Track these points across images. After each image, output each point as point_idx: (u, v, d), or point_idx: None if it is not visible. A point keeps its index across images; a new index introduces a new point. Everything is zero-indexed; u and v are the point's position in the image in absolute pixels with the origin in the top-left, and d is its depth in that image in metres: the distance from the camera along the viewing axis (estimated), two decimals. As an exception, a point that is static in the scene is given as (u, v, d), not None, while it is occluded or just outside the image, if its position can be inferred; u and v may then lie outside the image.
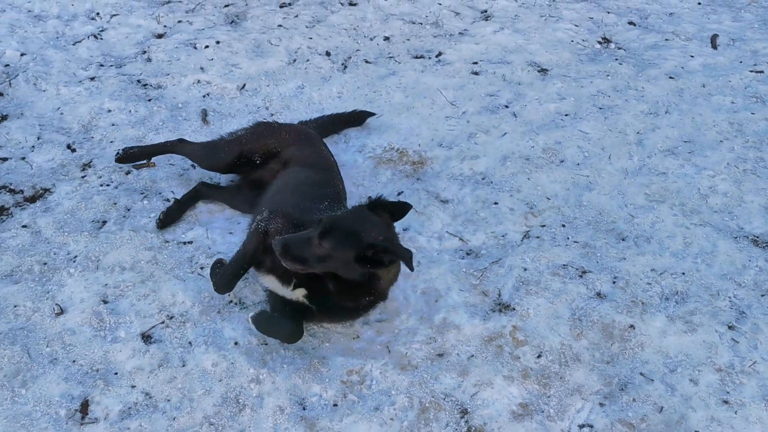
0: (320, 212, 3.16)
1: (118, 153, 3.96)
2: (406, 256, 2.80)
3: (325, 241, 2.82)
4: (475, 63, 5.11)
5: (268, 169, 3.71)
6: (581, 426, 2.88)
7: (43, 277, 3.37)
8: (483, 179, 4.09)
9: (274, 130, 3.82)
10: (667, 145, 4.37)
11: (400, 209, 3.06)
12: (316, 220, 2.93)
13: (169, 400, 2.90)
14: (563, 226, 3.78)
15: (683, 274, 3.50)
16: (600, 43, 5.46)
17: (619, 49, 5.40)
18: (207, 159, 3.83)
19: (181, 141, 3.98)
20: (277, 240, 2.88)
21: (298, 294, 3.07)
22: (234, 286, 3.19)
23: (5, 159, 4.06)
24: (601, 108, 4.66)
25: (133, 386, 2.94)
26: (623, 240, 3.70)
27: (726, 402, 2.97)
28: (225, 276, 3.17)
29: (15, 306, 3.21)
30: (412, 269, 2.83)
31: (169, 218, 3.67)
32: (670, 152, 4.31)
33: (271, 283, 3.14)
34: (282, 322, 3.07)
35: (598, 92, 4.81)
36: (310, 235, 2.85)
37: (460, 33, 5.50)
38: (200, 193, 3.82)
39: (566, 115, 4.61)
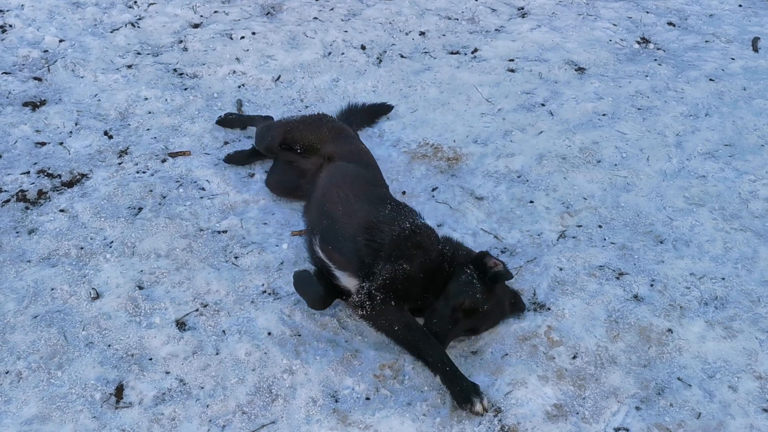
0: (386, 219, 3.23)
1: (220, 117, 4.30)
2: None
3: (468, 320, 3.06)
4: (512, 60, 5.06)
5: (310, 161, 3.76)
6: (617, 429, 2.84)
7: (80, 261, 3.40)
8: (518, 177, 4.05)
9: (318, 125, 3.85)
10: (707, 147, 4.29)
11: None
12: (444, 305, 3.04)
13: (202, 388, 2.91)
14: (600, 226, 3.73)
15: (723, 279, 3.44)
16: (639, 43, 5.38)
17: (658, 49, 5.32)
18: (259, 139, 3.95)
19: (266, 117, 4.21)
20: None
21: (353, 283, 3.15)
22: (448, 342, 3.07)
23: (43, 143, 4.10)
24: (639, 108, 4.60)
25: (167, 372, 2.95)
26: (661, 243, 3.64)
27: (766, 410, 2.90)
28: (437, 349, 2.99)
29: (52, 289, 3.24)
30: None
31: (235, 158, 4.01)
32: (710, 155, 4.24)
33: (345, 279, 3.17)
34: (316, 287, 3.12)
35: (637, 92, 4.75)
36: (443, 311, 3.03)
37: (496, 29, 5.46)
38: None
39: (604, 114, 4.54)
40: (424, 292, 3.09)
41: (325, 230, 3.28)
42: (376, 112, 4.48)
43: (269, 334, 3.12)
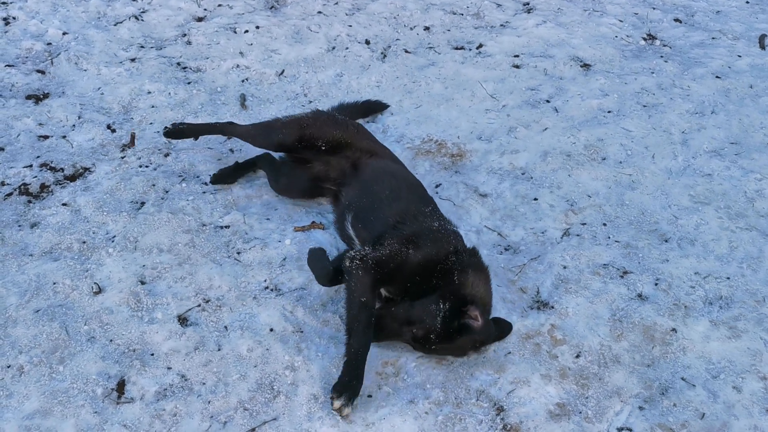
0: (425, 214, 3.25)
1: (166, 127, 3.93)
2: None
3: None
4: (517, 56, 5.03)
5: (340, 157, 3.63)
6: (620, 429, 2.82)
7: (82, 255, 3.39)
8: (523, 174, 4.03)
9: (338, 121, 3.76)
10: (712, 146, 4.27)
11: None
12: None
13: (204, 384, 2.90)
14: (604, 224, 3.71)
15: (728, 278, 3.42)
16: (645, 39, 5.35)
17: (665, 46, 5.29)
18: (262, 137, 3.78)
19: (231, 124, 3.96)
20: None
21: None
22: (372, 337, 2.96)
23: (46, 137, 4.09)
24: (645, 106, 4.57)
25: (169, 368, 2.95)
26: (666, 241, 3.62)
27: (770, 411, 2.89)
28: (359, 338, 2.88)
29: (54, 283, 3.23)
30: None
31: (222, 177, 3.81)
32: (715, 153, 4.21)
33: None
34: (326, 265, 3.15)
35: (643, 89, 4.71)
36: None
37: (501, 25, 5.43)
38: (259, 163, 3.88)
39: (609, 111, 4.52)
40: (409, 285, 3.04)
41: (362, 209, 3.32)
42: (370, 109, 4.43)
43: (271, 330, 3.11)
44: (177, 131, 3.93)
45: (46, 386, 2.84)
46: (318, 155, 3.68)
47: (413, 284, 3.03)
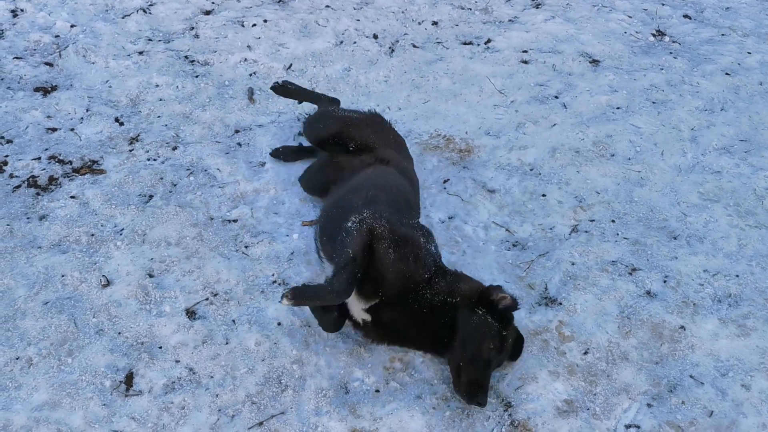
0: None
1: (276, 83, 4.14)
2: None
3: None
4: (525, 51, 5.01)
5: (358, 159, 3.53)
6: (628, 426, 2.82)
7: (90, 248, 3.39)
8: (531, 170, 4.02)
9: (382, 129, 3.71)
10: (722, 143, 4.25)
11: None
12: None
13: (212, 377, 2.90)
14: (613, 221, 3.70)
15: (737, 276, 3.40)
16: (654, 35, 5.32)
17: (674, 42, 5.26)
18: (309, 126, 3.81)
19: (332, 100, 4.09)
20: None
21: (363, 315, 2.97)
22: (351, 292, 2.83)
23: (54, 129, 4.09)
24: (654, 102, 4.55)
25: (177, 361, 2.95)
26: (675, 239, 3.61)
27: (779, 410, 2.88)
28: (341, 281, 2.77)
29: (62, 275, 3.24)
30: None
31: (282, 153, 3.93)
32: (725, 150, 4.19)
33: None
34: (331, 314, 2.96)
35: (652, 86, 4.69)
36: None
37: (510, 20, 5.41)
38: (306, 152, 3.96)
39: (618, 108, 4.50)
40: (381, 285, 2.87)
41: (329, 220, 3.14)
42: None
43: (279, 324, 3.11)
44: (284, 89, 4.12)
45: (55, 378, 2.85)
46: (343, 155, 3.61)
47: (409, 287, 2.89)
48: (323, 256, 3.17)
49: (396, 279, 2.86)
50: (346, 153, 3.63)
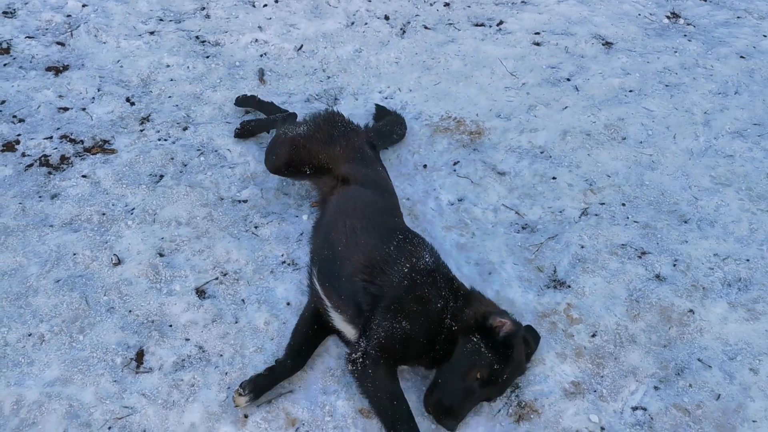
0: (390, 258, 2.91)
1: (237, 129, 3.96)
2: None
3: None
4: (537, 33, 4.97)
5: (322, 181, 3.46)
6: (634, 408, 2.83)
7: (102, 227, 3.42)
8: (542, 153, 4.00)
9: (330, 140, 3.48)
10: (735, 126, 4.21)
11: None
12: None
13: (221, 355, 2.93)
14: (623, 204, 3.68)
15: (747, 260, 3.39)
16: (668, 17, 5.26)
17: (688, 24, 5.20)
18: (266, 157, 3.62)
19: (287, 118, 3.90)
20: (432, 404, 2.71)
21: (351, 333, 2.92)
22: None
23: (66, 108, 4.10)
24: (667, 85, 4.50)
25: (187, 339, 2.98)
26: (685, 222, 3.59)
27: (787, 394, 2.88)
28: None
29: (74, 254, 3.27)
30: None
31: (245, 132, 3.93)
32: (738, 134, 4.15)
33: (340, 323, 2.94)
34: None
35: (665, 69, 4.65)
36: (471, 388, 2.72)
37: (522, 2, 5.35)
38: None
39: (630, 91, 4.46)
40: (424, 350, 2.79)
41: (325, 262, 3.02)
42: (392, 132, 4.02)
43: (288, 304, 3.13)
44: (245, 130, 3.95)
45: (67, 355, 2.88)
46: (307, 178, 3.53)
47: (427, 345, 2.79)
48: (325, 299, 2.98)
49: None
50: (306, 177, 3.51)
